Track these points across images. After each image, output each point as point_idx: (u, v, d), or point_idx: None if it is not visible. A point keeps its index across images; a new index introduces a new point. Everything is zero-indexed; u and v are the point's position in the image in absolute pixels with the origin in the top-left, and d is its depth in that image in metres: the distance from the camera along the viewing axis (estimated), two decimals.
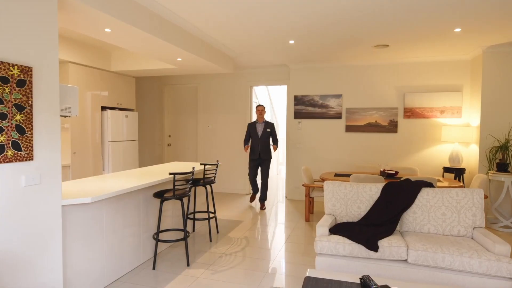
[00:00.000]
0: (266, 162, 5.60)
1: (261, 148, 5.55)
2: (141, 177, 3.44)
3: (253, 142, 5.57)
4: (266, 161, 5.60)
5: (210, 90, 7.20)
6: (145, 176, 3.51)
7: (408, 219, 3.13)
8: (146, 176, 3.54)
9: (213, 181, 4.19)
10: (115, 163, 5.57)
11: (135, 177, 3.47)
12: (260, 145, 5.54)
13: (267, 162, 5.61)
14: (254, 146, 5.59)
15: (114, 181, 3.17)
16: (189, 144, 7.43)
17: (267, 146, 5.58)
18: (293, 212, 5.55)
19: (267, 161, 5.60)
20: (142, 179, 3.32)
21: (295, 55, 5.60)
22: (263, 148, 5.56)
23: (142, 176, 3.51)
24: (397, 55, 5.53)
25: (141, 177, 3.44)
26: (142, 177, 3.45)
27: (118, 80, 5.83)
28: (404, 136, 5.89)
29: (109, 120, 5.46)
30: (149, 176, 3.55)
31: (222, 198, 6.54)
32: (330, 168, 6.28)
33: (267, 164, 5.61)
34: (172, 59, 4.62)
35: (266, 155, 5.59)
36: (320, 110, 6.28)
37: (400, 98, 5.89)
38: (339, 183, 3.41)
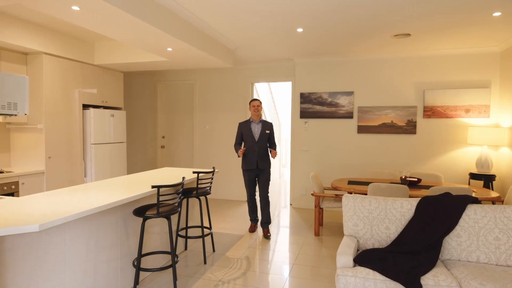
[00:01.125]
0: (266, 172, 4.39)
1: (259, 155, 4.30)
2: (125, 188, 2.81)
3: (248, 147, 4.31)
4: (266, 171, 4.39)
5: (207, 87, 6.57)
6: (132, 186, 2.88)
7: (451, 244, 2.50)
8: (133, 185, 2.91)
9: (208, 192, 3.55)
10: (99, 168, 4.93)
11: (118, 187, 2.83)
12: (258, 151, 4.29)
13: (267, 172, 4.40)
14: (249, 153, 4.30)
15: (87, 195, 2.54)
16: (184, 146, 6.80)
17: (265, 152, 4.39)
18: (299, 224, 4.91)
19: (266, 172, 4.39)
20: (123, 192, 2.69)
21: (301, 47, 4.96)
22: (262, 155, 4.33)
23: (127, 186, 2.87)
24: (417, 46, 4.89)
25: (125, 188, 2.81)
26: (126, 188, 2.81)
27: (103, 75, 5.19)
28: (423, 138, 5.26)
29: (91, 120, 4.82)
30: (136, 185, 2.92)
31: (219, 206, 5.91)
32: (340, 174, 5.65)
33: (267, 175, 4.40)
34: (161, 48, 3.99)
35: (265, 164, 4.37)
36: (329, 109, 5.65)
37: (420, 96, 5.25)
38: (362, 198, 2.78)
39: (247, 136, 4.33)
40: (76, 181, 4.71)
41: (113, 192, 2.70)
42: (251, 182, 4.42)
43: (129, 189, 2.84)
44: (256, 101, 4.37)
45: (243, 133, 4.36)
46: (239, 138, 4.43)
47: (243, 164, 4.41)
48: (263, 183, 4.40)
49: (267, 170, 4.41)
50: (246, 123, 4.38)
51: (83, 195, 2.56)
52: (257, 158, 4.30)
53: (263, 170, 4.37)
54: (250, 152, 4.31)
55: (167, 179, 3.41)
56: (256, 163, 4.31)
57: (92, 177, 4.84)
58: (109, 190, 2.78)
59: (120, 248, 2.78)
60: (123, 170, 5.42)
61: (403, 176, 4.28)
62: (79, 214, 2.07)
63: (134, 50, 4.81)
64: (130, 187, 2.94)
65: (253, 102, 4.36)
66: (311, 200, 5.86)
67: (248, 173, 4.38)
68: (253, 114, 4.36)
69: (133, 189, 2.85)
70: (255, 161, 4.30)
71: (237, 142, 4.43)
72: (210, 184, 3.65)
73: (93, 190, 2.77)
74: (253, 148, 4.30)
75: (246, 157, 4.36)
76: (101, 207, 2.24)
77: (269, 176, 4.42)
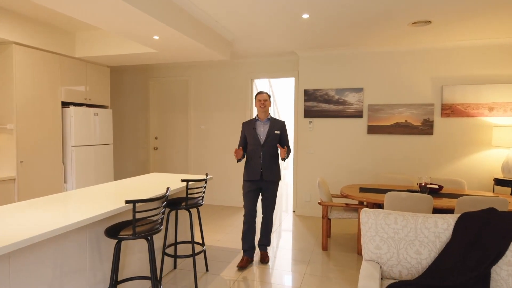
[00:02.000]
0: (272, 187, 3.41)
1: (264, 162, 3.34)
2: (104, 199, 2.30)
3: (251, 152, 3.39)
4: (273, 185, 3.40)
5: (203, 84, 6.06)
6: (111, 197, 2.37)
7: (501, 275, 1.99)
8: (112, 196, 2.41)
9: (200, 203, 3.04)
10: (81, 173, 4.43)
11: (93, 199, 2.32)
12: (263, 158, 3.34)
13: (274, 186, 3.42)
14: (252, 159, 3.38)
15: (50, 211, 2.03)
16: (179, 148, 6.29)
17: (274, 160, 3.40)
18: (304, 235, 4.40)
19: (273, 186, 3.41)
20: (98, 205, 2.18)
21: (306, 38, 4.45)
22: (268, 162, 3.36)
23: (105, 197, 2.37)
24: (436, 36, 4.38)
25: (104, 199, 2.30)
26: (105, 199, 2.31)
27: (86, 69, 4.68)
28: (441, 139, 4.75)
29: (72, 119, 4.31)
30: (116, 196, 2.41)
31: (215, 213, 5.40)
32: (349, 179, 5.13)
33: (274, 190, 3.43)
34: (147, 36, 3.48)
35: (273, 175, 3.38)
36: (336, 107, 5.14)
37: (437, 92, 4.74)
38: (385, 214, 2.27)
39: (250, 138, 3.40)
40: (54, 188, 4.20)
41: (84, 206, 2.19)
42: (251, 197, 3.40)
43: (108, 199, 2.33)
44: (263, 94, 3.42)
45: (246, 134, 3.46)
46: (242, 142, 3.49)
47: (244, 173, 3.45)
48: (268, 201, 3.43)
49: (275, 183, 3.42)
50: (250, 122, 3.47)
51: (43, 211, 2.05)
52: (261, 166, 3.33)
53: (269, 183, 3.38)
54: (253, 158, 3.37)
55: (153, 188, 2.90)
56: (260, 173, 3.33)
57: (73, 183, 4.33)
58: (80, 203, 2.27)
59: (91, 274, 2.27)
60: (109, 175, 4.91)
61: (422, 183, 3.76)
62: (20, 243, 1.56)
63: (119, 41, 4.30)
64: (108, 198, 2.43)
65: (259, 96, 3.42)
66: (316, 207, 5.35)
67: (249, 184, 3.40)
68: (259, 111, 3.43)
69: (111, 200, 2.34)
70: (258, 170, 3.34)
71: (239, 145, 3.54)
72: (203, 194, 3.14)
73: (60, 203, 2.26)
74: (257, 153, 3.34)
75: (248, 163, 3.42)
76: (54, 231, 1.73)
77: (275, 191, 3.44)
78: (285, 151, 3.25)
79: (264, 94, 3.43)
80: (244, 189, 3.46)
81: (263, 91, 3.45)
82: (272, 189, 3.42)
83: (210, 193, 6.10)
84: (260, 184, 3.39)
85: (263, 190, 3.43)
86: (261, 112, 3.44)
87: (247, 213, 3.44)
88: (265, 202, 3.46)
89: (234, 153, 3.29)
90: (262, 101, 3.41)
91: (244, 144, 3.50)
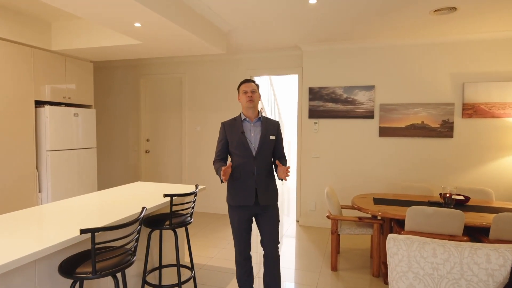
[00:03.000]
0: (272, 211, 2.44)
1: (259, 180, 2.38)
2: (65, 221, 1.81)
3: (240, 167, 2.40)
4: (272, 209, 2.45)
5: (198, 82, 5.57)
6: (82, 216, 1.88)
7: None
8: (83, 215, 1.91)
9: (188, 221, 2.54)
10: (58, 181, 3.93)
11: (55, 219, 1.83)
12: (258, 174, 2.38)
13: (275, 211, 2.46)
14: (240, 176, 2.40)
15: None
16: (172, 151, 5.79)
17: (270, 176, 2.46)
18: (310, 250, 3.90)
19: (273, 210, 2.46)
20: (54, 231, 1.69)
21: (312, 29, 3.96)
22: (264, 179, 2.40)
23: (69, 219, 1.87)
24: (460, 27, 3.88)
25: (65, 221, 1.81)
26: (67, 221, 1.81)
27: (65, 64, 4.19)
28: (462, 143, 4.25)
29: (47, 120, 3.82)
30: (85, 216, 1.92)
31: (210, 223, 4.90)
32: (359, 187, 4.63)
33: (275, 216, 2.46)
34: (127, 23, 2.98)
35: (271, 197, 2.44)
36: (344, 106, 4.64)
37: (458, 90, 4.24)
38: (420, 243, 1.77)
39: (237, 145, 2.39)
40: (27, 198, 3.71)
41: (39, 231, 1.69)
42: (243, 231, 2.43)
43: (71, 222, 1.83)
44: (249, 83, 2.43)
45: (229, 140, 2.44)
46: (222, 150, 2.48)
47: (229, 196, 2.45)
48: (269, 230, 2.42)
49: (274, 207, 2.46)
50: (235, 123, 2.45)
51: None
52: (256, 185, 2.37)
53: (267, 208, 2.42)
54: (242, 175, 2.38)
55: (132, 204, 2.40)
56: (254, 196, 2.36)
57: (49, 193, 3.83)
58: (36, 226, 1.77)
59: None
60: (92, 183, 4.41)
61: (447, 194, 3.26)
62: None
63: (101, 32, 3.81)
64: (72, 219, 1.93)
65: (245, 86, 2.43)
66: (322, 217, 4.85)
67: (239, 213, 2.41)
68: (245, 107, 2.42)
69: (75, 222, 1.84)
70: (252, 192, 2.36)
71: (217, 156, 2.48)
72: (192, 210, 2.64)
73: (9, 226, 1.76)
74: (248, 168, 2.37)
75: (235, 183, 2.41)
76: None
77: (277, 217, 2.48)
78: (287, 171, 2.26)
79: (251, 83, 2.44)
80: (232, 219, 2.47)
81: (249, 79, 2.48)
82: (273, 215, 2.44)
83: (204, 200, 5.60)
84: (254, 210, 2.41)
85: (260, 217, 2.44)
86: (248, 109, 2.42)
87: (239, 254, 2.47)
88: (265, 233, 2.43)
89: (222, 173, 2.25)
90: (250, 93, 2.39)
91: (224, 153, 2.49)
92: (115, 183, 6.12)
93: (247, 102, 2.40)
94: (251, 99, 2.39)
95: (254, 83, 2.46)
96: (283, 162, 2.48)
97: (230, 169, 2.29)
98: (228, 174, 2.28)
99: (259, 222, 2.46)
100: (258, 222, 2.47)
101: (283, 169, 2.26)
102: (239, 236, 2.45)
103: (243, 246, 2.46)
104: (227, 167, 2.27)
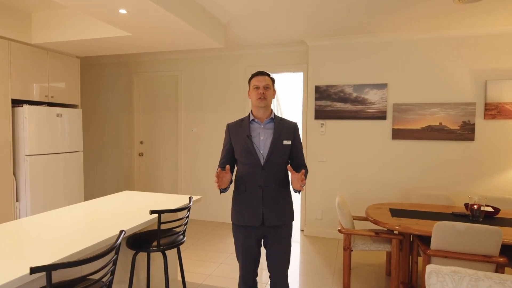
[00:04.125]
0: (284, 233, 2.02)
1: (268, 196, 1.96)
2: (17, 251, 1.43)
3: (245, 177, 2.00)
4: (284, 230, 2.02)
5: (195, 80, 5.18)
6: (45, 240, 1.50)
7: None
8: (46, 240, 1.53)
9: (179, 241, 2.16)
10: (38, 189, 3.55)
11: (12, 247, 1.45)
12: (266, 187, 1.96)
13: (286, 232, 2.04)
14: (245, 189, 2.00)
15: None
16: (167, 154, 5.41)
17: (283, 189, 2.02)
18: (317, 265, 3.52)
19: (285, 231, 2.03)
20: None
21: (318, 23, 3.57)
22: (274, 194, 1.98)
23: (22, 248, 1.49)
24: (484, 18, 3.50)
25: (17, 251, 1.43)
26: (19, 251, 1.43)
27: (47, 59, 3.80)
28: (485, 146, 3.87)
29: (25, 121, 3.43)
30: (48, 241, 1.54)
31: (208, 233, 4.51)
32: (371, 195, 4.25)
33: (286, 238, 2.03)
34: (111, 10, 2.60)
35: (283, 216, 2.01)
36: (353, 106, 4.26)
37: (480, 88, 3.87)
38: (471, 278, 1.39)
39: (242, 151, 1.99)
40: (3, 208, 3.32)
41: None
42: (250, 255, 2.03)
43: (28, 252, 1.45)
44: (263, 77, 2.01)
45: (234, 145, 2.05)
46: (226, 157, 2.08)
47: (233, 213, 2.07)
48: (277, 255, 2.00)
49: (287, 227, 2.03)
50: (241, 125, 2.06)
51: None
52: (262, 202, 1.94)
53: (277, 229, 1.99)
54: (248, 188, 1.97)
55: (112, 222, 2.01)
56: (261, 214, 1.94)
57: (28, 202, 3.45)
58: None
59: None
60: (77, 190, 4.02)
61: (474, 205, 2.88)
62: None
63: (85, 23, 3.42)
64: (30, 247, 1.54)
65: (257, 79, 2.00)
66: (329, 226, 4.46)
67: (245, 234, 2.01)
68: (256, 105, 2.01)
69: (29, 254, 1.45)
70: (258, 208, 1.95)
71: (221, 164, 2.07)
72: (185, 227, 2.26)
73: None
74: (255, 179, 1.96)
75: (239, 197, 2.02)
76: None
77: (289, 239, 2.04)
78: (301, 177, 1.79)
79: (265, 77, 2.01)
80: (236, 240, 2.06)
81: (263, 71, 2.05)
82: (284, 236, 2.00)
83: (202, 207, 5.22)
84: (263, 231, 1.99)
85: (268, 239, 2.00)
86: (259, 108, 2.00)
87: (242, 282, 2.08)
88: (272, 259, 2.01)
89: (216, 179, 1.82)
90: (262, 89, 1.97)
91: (231, 161, 2.08)
92: (107, 188, 5.73)
93: (257, 100, 1.98)
94: (263, 97, 1.97)
95: (268, 76, 2.04)
96: (299, 171, 2.01)
97: (228, 173, 1.88)
98: (223, 180, 1.86)
99: (266, 244, 2.04)
100: (266, 245, 2.04)
101: (297, 177, 1.82)
102: (244, 261, 2.05)
103: (248, 274, 2.06)
104: (225, 171, 1.87)
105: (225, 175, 1.87)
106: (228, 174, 1.88)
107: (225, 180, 1.87)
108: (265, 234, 2.01)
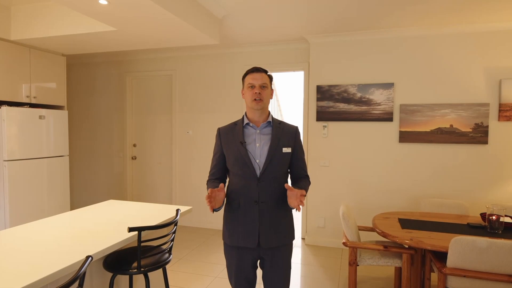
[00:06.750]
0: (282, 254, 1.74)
1: (264, 213, 1.68)
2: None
3: (238, 191, 1.73)
4: (282, 251, 1.74)
5: (190, 80, 4.93)
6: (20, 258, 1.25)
7: None
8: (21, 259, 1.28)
9: (165, 260, 1.90)
10: (19, 197, 3.29)
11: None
12: (261, 201, 1.67)
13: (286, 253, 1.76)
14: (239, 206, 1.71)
15: None
16: (161, 157, 5.15)
17: (282, 205, 1.71)
18: (321, 280, 3.25)
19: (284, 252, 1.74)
20: None
21: (321, 16, 3.32)
22: (270, 209, 1.69)
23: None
24: (497, 13, 3.24)
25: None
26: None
27: (29, 57, 3.55)
28: (499, 150, 3.61)
29: (3, 124, 3.17)
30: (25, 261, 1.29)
31: (203, 241, 4.24)
32: (377, 202, 3.98)
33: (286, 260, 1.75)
34: (90, 1, 2.33)
35: (279, 236, 1.71)
36: (358, 107, 4.00)
37: (494, 88, 3.61)
38: None
39: (235, 161, 1.72)
40: None
41: None
42: (243, 279, 1.76)
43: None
44: (259, 74, 1.72)
45: (225, 153, 1.78)
46: (217, 167, 1.81)
47: (225, 232, 1.79)
48: (274, 280, 1.74)
49: (286, 247, 1.77)
50: (234, 129, 1.81)
51: None
52: (258, 220, 1.68)
53: (275, 250, 1.72)
54: (241, 204, 1.71)
55: (89, 239, 1.75)
56: (257, 234, 1.68)
57: (6, 212, 3.18)
58: None
59: None
60: (63, 197, 3.76)
61: (493, 216, 2.62)
62: None
63: (68, 17, 3.16)
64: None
65: (252, 76, 1.72)
66: (332, 235, 4.20)
67: (238, 257, 1.74)
68: (251, 107, 1.74)
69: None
70: (254, 227, 1.68)
71: (212, 175, 1.83)
72: (171, 243, 1.99)
73: None
74: (250, 194, 1.69)
75: (232, 214, 1.75)
76: None
77: (288, 261, 1.77)
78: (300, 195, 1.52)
79: (262, 74, 1.72)
80: (228, 262, 1.80)
81: (259, 67, 1.75)
82: (282, 260, 1.73)
83: (197, 214, 4.95)
84: (259, 253, 1.72)
85: (266, 261, 1.74)
86: (254, 110, 1.74)
87: None
88: (269, 283, 1.75)
89: (207, 200, 1.52)
90: (258, 88, 1.69)
91: (223, 170, 1.81)
92: (97, 195, 5.47)
93: (252, 102, 1.70)
94: (260, 98, 1.69)
95: (266, 73, 1.75)
96: (300, 185, 1.74)
97: (221, 191, 1.60)
98: (216, 201, 1.58)
99: (263, 266, 1.77)
100: (263, 267, 1.77)
101: (294, 194, 1.56)
102: (238, 286, 1.77)
103: None
104: (218, 189, 1.58)
105: (219, 194, 1.59)
106: (222, 192, 1.61)
107: (218, 199, 1.59)
108: (261, 256, 1.74)
